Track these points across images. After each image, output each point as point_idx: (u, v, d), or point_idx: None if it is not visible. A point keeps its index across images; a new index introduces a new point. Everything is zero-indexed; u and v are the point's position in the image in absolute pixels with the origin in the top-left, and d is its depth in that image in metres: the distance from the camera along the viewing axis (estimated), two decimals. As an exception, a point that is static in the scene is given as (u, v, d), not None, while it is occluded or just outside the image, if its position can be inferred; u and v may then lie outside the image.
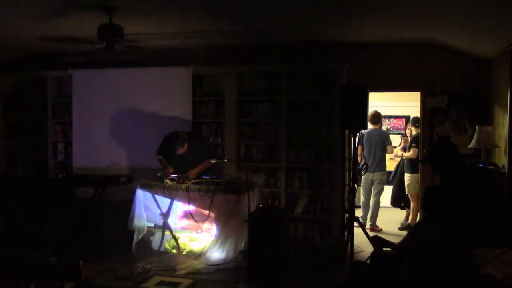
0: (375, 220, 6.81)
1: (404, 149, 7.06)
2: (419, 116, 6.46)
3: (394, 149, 7.23)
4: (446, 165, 3.33)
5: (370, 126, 6.76)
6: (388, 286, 2.35)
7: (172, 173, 5.31)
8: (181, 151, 5.33)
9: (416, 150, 6.51)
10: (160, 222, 5.40)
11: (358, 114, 4.91)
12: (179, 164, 5.42)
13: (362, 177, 6.65)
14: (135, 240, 5.23)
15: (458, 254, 1.72)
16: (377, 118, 6.89)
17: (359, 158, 6.11)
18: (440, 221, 2.68)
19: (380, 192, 6.84)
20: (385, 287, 2.45)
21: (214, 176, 5.26)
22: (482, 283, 2.10)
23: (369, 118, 6.63)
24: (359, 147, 6.42)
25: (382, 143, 6.78)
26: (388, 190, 7.40)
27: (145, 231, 5.32)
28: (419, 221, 6.24)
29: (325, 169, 5.91)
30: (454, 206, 3.00)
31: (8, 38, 5.85)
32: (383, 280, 2.47)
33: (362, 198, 7.01)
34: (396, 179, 7.22)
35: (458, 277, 1.68)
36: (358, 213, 6.73)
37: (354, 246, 5.05)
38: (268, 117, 6.12)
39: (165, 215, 5.36)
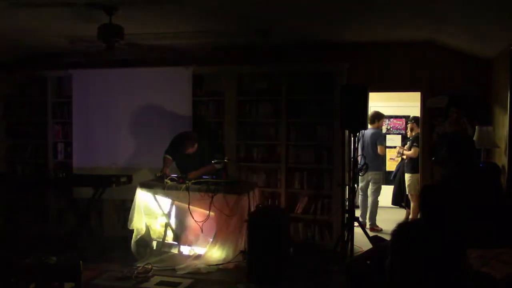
0: (375, 220, 6.81)
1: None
2: (419, 116, 6.45)
3: (394, 149, 7.23)
4: (449, 159, 3.33)
5: (369, 125, 6.80)
6: (386, 286, 2.36)
7: (174, 174, 5.30)
8: (190, 150, 5.32)
9: (417, 149, 6.51)
10: (161, 222, 5.41)
11: (358, 114, 4.91)
12: (187, 163, 5.41)
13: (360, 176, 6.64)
14: (133, 239, 5.23)
15: (456, 254, 1.72)
16: (373, 117, 6.88)
17: (358, 158, 6.11)
18: (438, 220, 2.68)
19: (376, 191, 6.84)
20: (384, 287, 2.45)
21: (214, 176, 5.26)
22: (481, 282, 2.11)
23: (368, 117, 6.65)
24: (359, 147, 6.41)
25: (374, 143, 6.78)
26: (388, 189, 7.41)
27: (144, 231, 5.31)
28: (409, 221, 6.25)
29: (325, 169, 5.92)
30: (452, 206, 3.00)
31: (9, 38, 5.85)
32: (382, 280, 2.47)
33: (359, 197, 7.00)
34: (396, 178, 7.23)
35: (456, 277, 1.68)
36: (359, 213, 6.73)
37: (354, 246, 5.05)
38: (268, 117, 6.12)
39: (166, 215, 5.37)
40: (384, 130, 8.01)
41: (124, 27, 4.69)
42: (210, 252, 5.03)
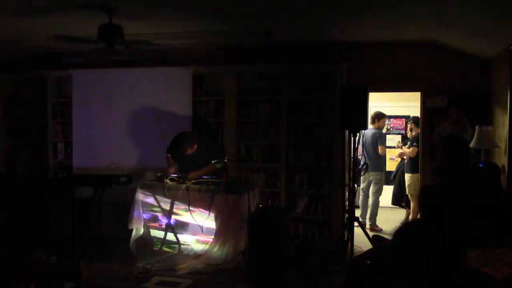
0: (375, 220, 6.81)
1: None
2: (419, 116, 6.45)
3: (394, 149, 7.23)
4: (449, 160, 3.34)
5: (370, 125, 6.81)
6: (386, 286, 2.35)
7: (174, 173, 5.30)
8: (189, 151, 5.31)
9: (416, 149, 6.51)
10: (161, 222, 5.40)
11: (358, 114, 4.91)
12: (186, 164, 5.41)
13: (361, 177, 6.64)
14: (133, 239, 5.23)
15: (456, 254, 1.72)
16: (373, 118, 6.86)
17: (359, 157, 6.13)
18: (438, 220, 2.67)
19: (377, 192, 6.83)
20: (384, 287, 2.45)
21: (214, 176, 5.26)
22: (482, 283, 2.10)
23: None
24: (359, 147, 6.40)
25: (374, 143, 6.77)
26: (388, 189, 7.40)
27: (144, 231, 5.31)
28: (409, 221, 6.25)
29: (325, 169, 5.92)
30: (452, 205, 3.00)
31: (9, 38, 5.85)
32: (382, 280, 2.47)
33: (360, 198, 7.00)
34: (396, 178, 7.23)
35: (457, 277, 1.68)
36: (359, 213, 6.73)
37: (354, 246, 5.05)
38: (268, 117, 6.12)
39: (166, 215, 5.37)
40: (384, 130, 8.01)
41: (124, 27, 4.69)
42: (210, 252, 5.03)
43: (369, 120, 6.81)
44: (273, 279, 4.46)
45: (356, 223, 5.18)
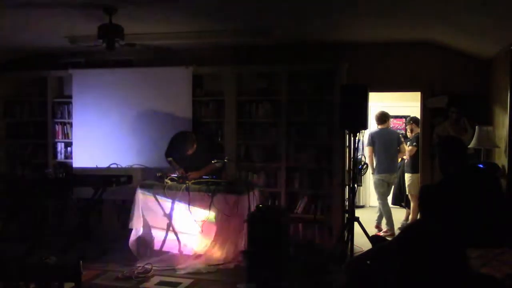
0: (381, 221, 6.71)
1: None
2: (418, 116, 6.44)
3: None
4: (448, 161, 3.33)
5: (378, 126, 6.75)
6: (387, 286, 2.35)
7: (182, 173, 5.29)
8: (189, 151, 5.32)
9: (413, 148, 6.49)
10: (161, 222, 5.40)
11: (358, 114, 4.91)
12: (187, 164, 5.41)
13: (377, 178, 6.52)
14: (133, 239, 5.23)
15: (455, 253, 1.73)
16: (384, 117, 6.69)
17: (368, 159, 6.14)
18: (436, 220, 2.67)
19: (390, 193, 6.79)
20: (385, 287, 2.45)
21: (214, 176, 5.26)
22: (482, 283, 2.10)
23: (377, 117, 6.62)
24: (369, 148, 6.37)
25: (395, 142, 6.67)
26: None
27: (144, 231, 5.31)
28: (413, 221, 6.25)
29: (325, 169, 5.91)
30: (451, 205, 3.00)
31: (9, 38, 5.85)
32: (383, 280, 2.47)
33: (379, 204, 6.63)
34: (396, 178, 7.21)
35: (456, 277, 1.68)
36: (359, 213, 6.70)
37: (354, 246, 5.05)
38: (268, 117, 6.12)
39: (166, 215, 5.37)
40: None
41: (124, 27, 4.69)
42: (210, 252, 5.03)
43: (380, 120, 6.75)
44: (273, 279, 4.46)
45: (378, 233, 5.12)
